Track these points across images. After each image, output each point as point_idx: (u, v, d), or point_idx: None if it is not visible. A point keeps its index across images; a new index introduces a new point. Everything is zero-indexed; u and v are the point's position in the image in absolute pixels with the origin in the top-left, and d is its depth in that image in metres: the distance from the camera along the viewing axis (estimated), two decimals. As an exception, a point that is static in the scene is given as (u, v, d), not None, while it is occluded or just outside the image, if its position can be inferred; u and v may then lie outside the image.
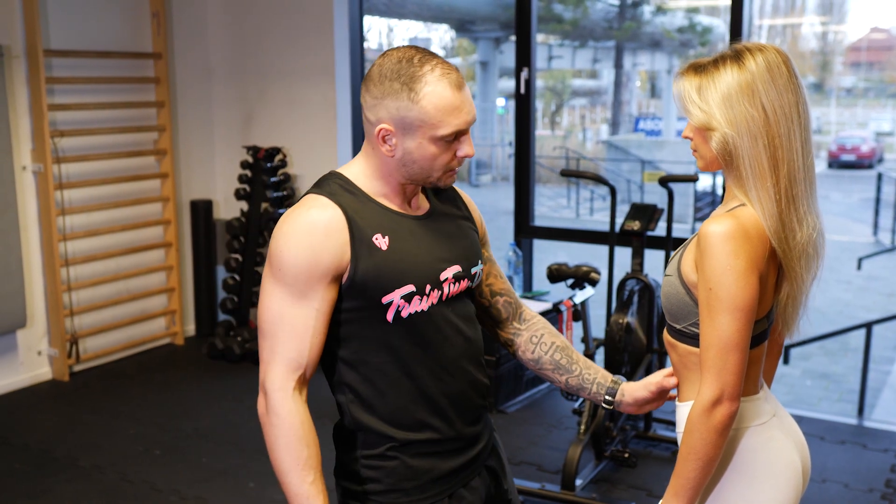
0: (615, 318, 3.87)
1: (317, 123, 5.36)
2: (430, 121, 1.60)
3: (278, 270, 1.61)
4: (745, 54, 1.67)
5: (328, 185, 1.68)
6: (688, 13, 17.95)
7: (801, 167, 1.66)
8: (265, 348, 1.63)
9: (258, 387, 1.65)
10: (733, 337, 1.60)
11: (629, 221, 3.91)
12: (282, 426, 1.59)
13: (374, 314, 1.64)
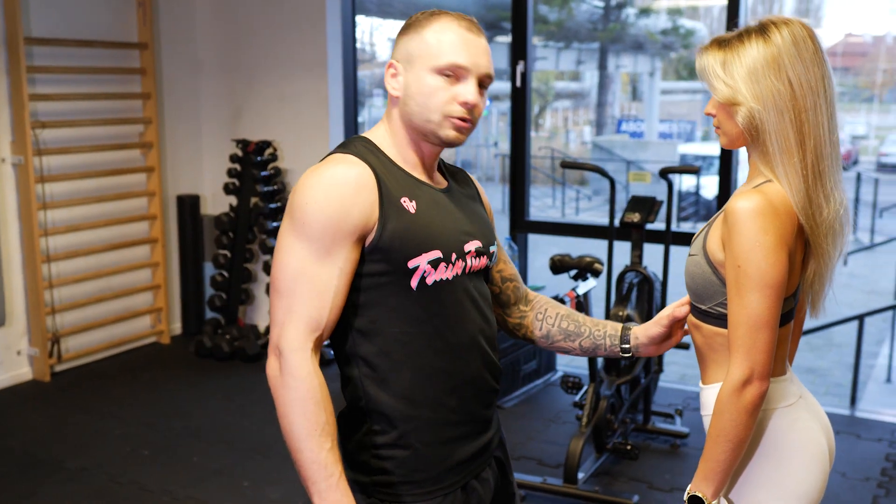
0: (615, 310, 3.82)
1: (308, 118, 5.27)
2: (429, 50, 1.58)
3: (302, 224, 1.52)
4: (771, 28, 1.62)
5: (353, 147, 1.63)
6: (671, 16, 17.99)
7: (828, 142, 1.62)
8: (280, 307, 1.53)
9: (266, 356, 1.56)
10: (763, 315, 1.55)
11: (629, 213, 3.86)
12: (299, 389, 1.50)
13: (397, 280, 1.57)
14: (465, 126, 1.61)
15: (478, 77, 1.60)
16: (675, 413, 4.17)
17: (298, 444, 1.51)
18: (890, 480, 3.63)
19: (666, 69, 21.96)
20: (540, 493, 3.47)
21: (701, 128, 23.17)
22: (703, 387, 1.75)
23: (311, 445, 1.50)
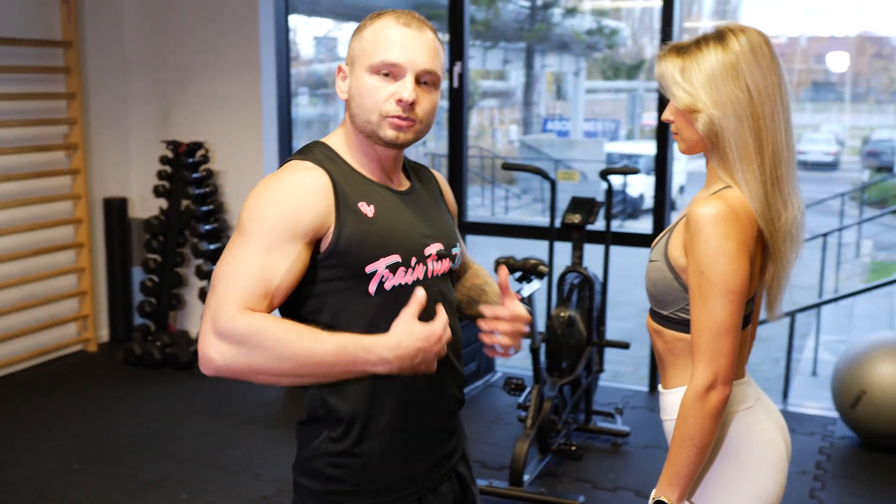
0: (556, 311, 3.83)
1: (241, 118, 5.16)
2: (366, 49, 1.56)
3: (252, 223, 1.48)
4: (728, 35, 1.65)
5: (311, 153, 1.60)
6: (596, 16, 18.22)
7: (785, 148, 1.65)
8: (215, 295, 1.45)
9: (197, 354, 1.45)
10: (726, 320, 1.57)
11: (570, 214, 3.87)
12: (260, 329, 1.41)
13: (355, 285, 1.54)
14: (405, 125, 1.56)
15: (415, 74, 1.55)
16: (616, 412, 4.21)
17: (309, 365, 1.44)
18: (825, 473, 3.72)
19: (591, 69, 22.24)
20: (486, 496, 3.46)
21: (625, 126, 23.56)
22: (663, 391, 1.76)
23: (316, 350, 1.44)
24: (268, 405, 4.50)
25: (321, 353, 1.43)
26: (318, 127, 19.72)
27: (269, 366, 1.43)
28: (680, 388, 1.69)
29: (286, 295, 1.51)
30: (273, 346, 1.42)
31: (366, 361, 1.46)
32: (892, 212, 11.65)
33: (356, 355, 1.45)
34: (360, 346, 1.46)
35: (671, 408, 1.71)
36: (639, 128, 23.61)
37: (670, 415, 1.71)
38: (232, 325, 1.41)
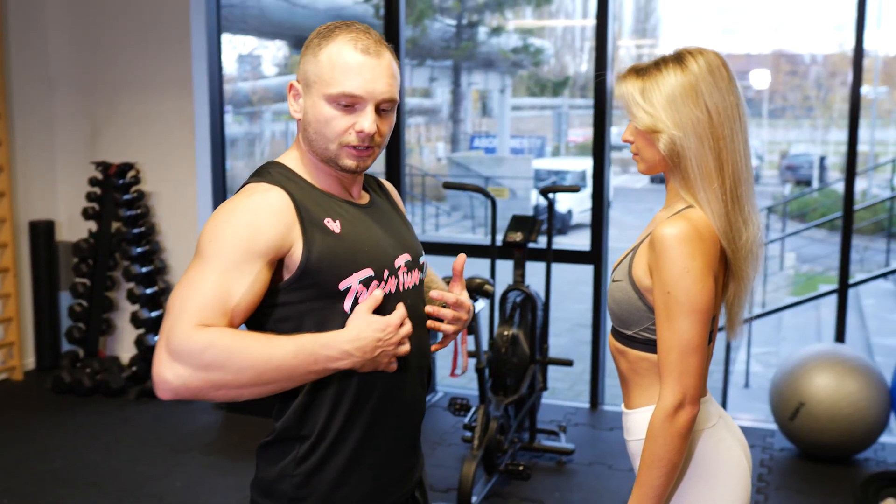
0: (500, 330, 3.83)
1: (173, 138, 5.06)
2: (323, 76, 1.52)
3: (209, 246, 1.44)
4: (687, 56, 1.67)
5: (267, 174, 1.57)
6: (521, 35, 18.44)
7: (744, 168, 1.67)
8: (169, 317, 1.40)
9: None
10: (693, 339, 1.58)
11: (511, 233, 3.88)
12: (215, 341, 1.37)
13: (329, 304, 1.51)
14: (365, 154, 1.55)
15: (375, 103, 1.53)
16: (559, 429, 4.22)
17: (270, 371, 1.40)
18: (768, 486, 3.79)
19: (516, 86, 22.49)
20: (435, 518, 3.43)
21: (551, 143, 23.86)
22: (627, 411, 1.76)
23: (275, 355, 1.40)
24: (204, 431, 4.39)
25: (280, 356, 1.40)
26: (243, 145, 19.47)
27: (229, 379, 1.38)
28: (645, 408, 1.70)
29: (246, 315, 1.47)
30: (230, 357, 1.37)
31: (327, 358, 1.44)
32: (816, 225, 12.02)
33: (316, 353, 1.43)
34: (319, 342, 1.43)
35: (636, 428, 1.71)
36: (565, 144, 23.95)
37: (635, 435, 1.71)
38: (187, 343, 1.37)
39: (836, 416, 3.74)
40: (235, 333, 1.40)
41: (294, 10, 14.16)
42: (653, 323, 1.65)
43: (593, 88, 4.54)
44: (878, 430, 3.83)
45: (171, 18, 4.95)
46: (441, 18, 16.86)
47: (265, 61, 26.18)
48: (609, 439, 4.29)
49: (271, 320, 1.52)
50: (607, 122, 4.51)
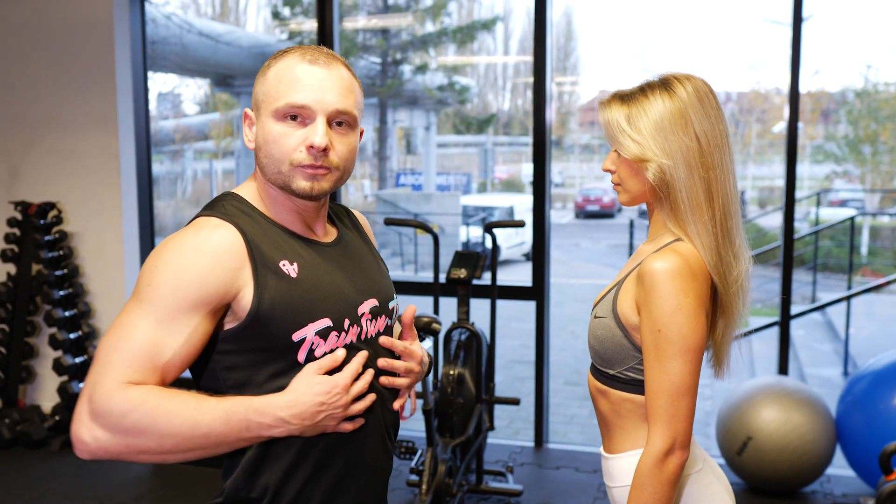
0: (446, 370, 3.73)
1: (98, 176, 4.85)
2: (271, 93, 1.41)
3: (146, 287, 1.33)
4: (674, 82, 1.59)
5: (221, 207, 1.44)
6: (447, 72, 18.54)
7: (733, 199, 1.59)
8: (94, 370, 1.30)
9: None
10: (685, 381, 1.50)
11: (455, 269, 3.79)
12: (139, 404, 1.27)
13: (281, 355, 1.38)
14: (320, 173, 1.41)
15: (327, 115, 1.40)
16: (506, 470, 4.12)
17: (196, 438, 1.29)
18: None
19: (441, 123, 22.58)
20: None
21: (477, 179, 23.98)
22: (609, 456, 1.67)
23: (203, 421, 1.29)
24: (135, 482, 4.17)
25: (208, 423, 1.29)
26: (164, 184, 19.07)
27: (151, 445, 1.28)
28: (629, 453, 1.61)
29: (181, 370, 1.35)
30: (153, 423, 1.27)
31: (260, 425, 1.33)
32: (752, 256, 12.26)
33: (248, 419, 1.32)
34: (252, 408, 1.32)
35: (620, 474, 1.62)
36: (490, 181, 24.10)
37: (619, 482, 1.63)
38: (108, 404, 1.26)
39: (784, 449, 3.73)
40: (162, 395, 1.29)
41: (217, 46, 13.98)
42: (638, 362, 1.56)
43: (532, 125, 4.51)
44: (824, 463, 3.83)
45: (95, 54, 4.77)
46: (366, 56, 16.86)
47: (185, 100, 25.82)
48: (556, 478, 4.20)
49: (220, 368, 1.40)
50: (547, 158, 4.48)
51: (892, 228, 14.93)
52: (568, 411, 6.70)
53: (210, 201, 1.46)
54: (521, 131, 35.30)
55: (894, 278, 5.63)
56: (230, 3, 27.18)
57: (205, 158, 22.08)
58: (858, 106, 16.95)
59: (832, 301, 5.64)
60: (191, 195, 20.68)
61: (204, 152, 22.55)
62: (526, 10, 34.21)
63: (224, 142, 21.97)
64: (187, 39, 13.33)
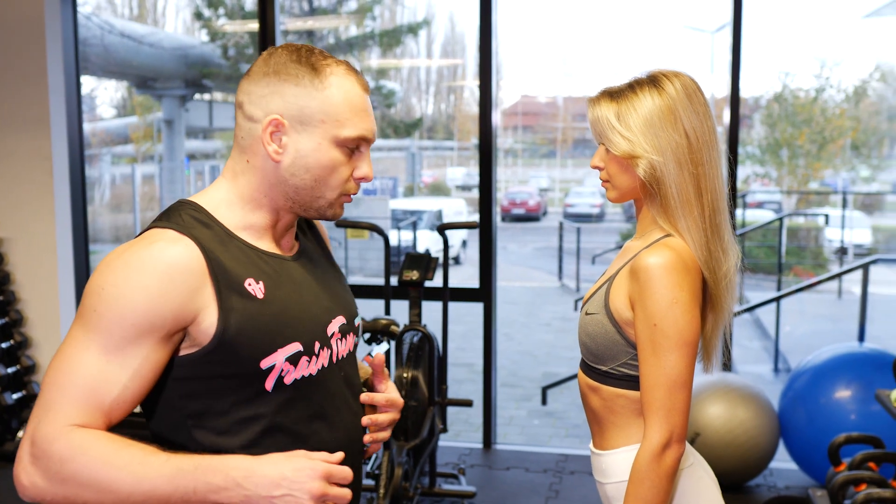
0: (399, 373, 3.71)
1: (29, 179, 4.68)
2: (335, 115, 1.31)
3: (92, 312, 1.21)
4: (662, 79, 1.60)
5: (177, 216, 1.30)
6: (372, 76, 18.49)
7: (721, 195, 1.62)
8: (39, 407, 1.20)
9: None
10: (682, 374, 1.51)
11: (407, 271, 3.78)
12: (79, 453, 1.17)
13: (247, 382, 1.28)
14: (350, 201, 1.40)
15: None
16: (458, 472, 4.12)
17: (137, 496, 1.17)
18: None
19: (367, 128, 22.52)
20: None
21: (403, 183, 23.98)
22: (601, 452, 1.67)
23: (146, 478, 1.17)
24: None
25: (152, 479, 1.17)
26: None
27: (89, 498, 1.17)
28: (623, 449, 1.62)
29: (131, 407, 1.24)
30: (93, 475, 1.16)
31: (208, 486, 1.18)
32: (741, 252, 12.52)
33: (196, 478, 1.18)
34: (203, 465, 1.19)
35: (613, 470, 1.63)
36: (418, 185, 24.12)
37: (613, 478, 1.63)
38: (49, 448, 1.17)
39: (730, 443, 3.82)
40: (108, 444, 1.18)
41: (140, 48, 13.67)
42: (631, 358, 1.58)
43: (478, 128, 4.53)
44: (769, 457, 3.93)
45: (26, 53, 4.61)
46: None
47: (102, 103, 25.20)
48: (507, 479, 4.22)
49: (177, 396, 1.28)
50: (493, 161, 4.50)
51: (808, 229, 15.45)
52: (506, 413, 6.75)
53: (164, 210, 1.34)
54: (446, 135, 35.45)
55: (826, 277, 5.82)
56: (148, 4, 26.63)
57: (123, 163, 21.56)
58: (777, 110, 17.52)
59: (765, 301, 5.79)
60: (109, 200, 20.19)
61: (123, 156, 22.02)
62: (449, 15, 34.36)
63: (144, 146, 21.49)
64: (109, 41, 13.01)
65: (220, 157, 23.18)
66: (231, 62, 16.44)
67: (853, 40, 31.35)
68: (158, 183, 18.37)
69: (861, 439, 3.16)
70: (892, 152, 27.61)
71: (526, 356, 8.89)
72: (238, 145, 1.36)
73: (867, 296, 4.78)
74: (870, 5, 11.66)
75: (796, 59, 34.88)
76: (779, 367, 7.46)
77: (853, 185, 20.55)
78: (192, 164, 19.79)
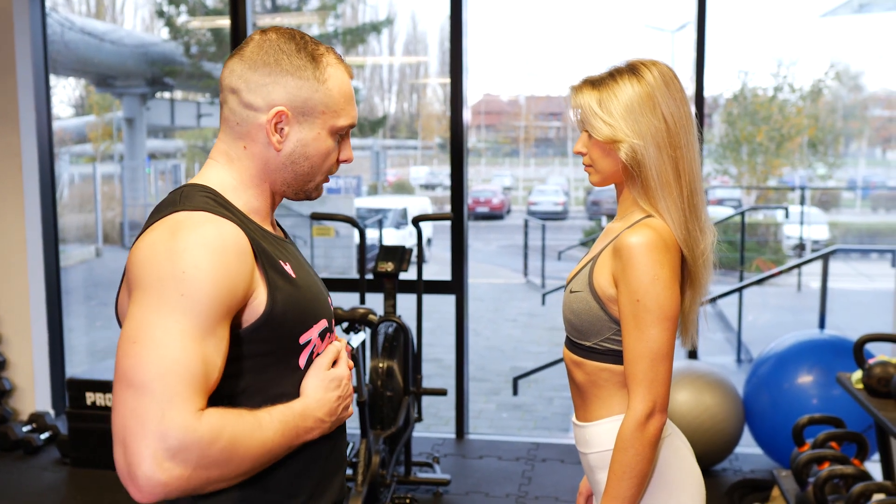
0: (375, 363, 3.77)
1: None
2: (333, 106, 1.36)
3: (179, 297, 1.17)
4: (641, 68, 1.68)
5: (200, 200, 1.29)
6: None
7: (698, 178, 1.70)
8: (150, 401, 1.12)
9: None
10: (663, 347, 1.59)
11: (382, 263, 3.84)
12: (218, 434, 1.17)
13: (282, 359, 1.33)
14: None
15: None
16: (433, 461, 4.19)
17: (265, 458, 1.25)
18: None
19: (330, 126, 22.49)
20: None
21: (367, 182, 23.98)
22: (584, 424, 1.75)
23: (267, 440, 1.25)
24: (50, 490, 4.04)
25: (271, 438, 1.25)
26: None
27: (226, 473, 1.20)
28: (606, 420, 1.70)
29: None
30: (234, 450, 1.19)
31: (305, 430, 1.32)
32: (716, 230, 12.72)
33: (297, 426, 1.30)
34: (297, 414, 1.31)
35: (596, 440, 1.71)
36: (382, 183, 24.14)
37: (595, 447, 1.71)
38: (191, 437, 1.13)
39: (697, 429, 3.92)
40: (233, 419, 1.20)
41: (101, 45, 13.53)
42: (614, 333, 1.65)
43: (449, 127, 4.60)
44: (734, 441, 4.04)
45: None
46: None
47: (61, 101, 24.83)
48: (481, 467, 4.29)
49: (224, 377, 1.29)
50: (465, 159, 4.58)
51: (767, 225, 15.75)
52: (476, 406, 6.82)
53: (179, 195, 1.32)
54: (409, 134, 35.46)
55: (788, 266, 5.97)
56: (106, 2, 26.33)
57: (82, 162, 21.29)
58: (736, 109, 17.81)
59: (729, 291, 5.93)
60: (69, 200, 19.94)
61: (82, 156, 21.74)
62: (411, 14, 34.37)
63: (103, 145, 21.24)
64: (69, 37, 12.86)
65: (182, 156, 22.99)
66: (193, 60, 16.34)
67: (810, 39, 31.93)
68: (118, 182, 18.18)
69: (823, 420, 3.28)
70: (848, 150, 28.20)
71: (494, 351, 8.98)
72: (231, 130, 1.37)
73: (827, 285, 4.93)
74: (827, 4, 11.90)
75: (755, 57, 35.44)
76: (741, 358, 7.62)
77: (810, 182, 20.94)
78: (153, 163, 19.64)
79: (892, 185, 27.86)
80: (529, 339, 9.90)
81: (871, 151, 30.90)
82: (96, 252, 15.24)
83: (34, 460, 4.37)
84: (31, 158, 4.74)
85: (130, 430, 1.12)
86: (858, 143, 29.27)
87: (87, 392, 4.18)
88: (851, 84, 24.71)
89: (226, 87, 1.37)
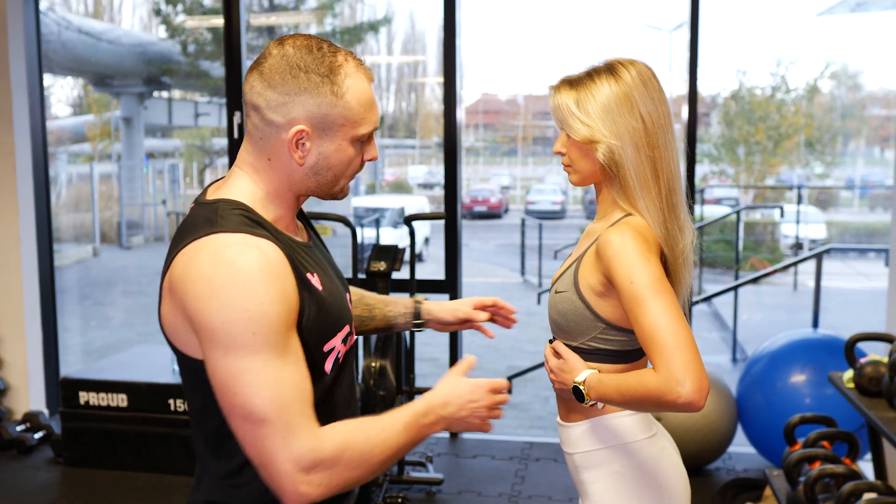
0: (368, 362, 3.77)
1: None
2: (353, 118, 1.38)
3: (251, 336, 1.24)
4: (619, 67, 1.68)
5: (236, 219, 1.33)
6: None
7: (677, 176, 1.69)
8: (270, 433, 1.25)
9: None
10: (673, 313, 1.50)
11: (375, 262, 3.84)
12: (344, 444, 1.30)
13: (311, 366, 1.36)
14: None
15: None
16: (426, 460, 4.19)
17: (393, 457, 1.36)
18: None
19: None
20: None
21: (365, 181, 23.97)
22: (568, 424, 1.75)
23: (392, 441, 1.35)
24: (44, 489, 4.03)
25: (397, 441, 1.36)
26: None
27: (362, 474, 1.32)
28: (589, 421, 1.70)
29: None
30: (362, 455, 1.31)
31: (427, 427, 1.41)
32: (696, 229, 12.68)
33: (420, 424, 1.40)
34: (419, 412, 1.40)
35: (580, 440, 1.71)
36: (380, 182, 24.14)
37: (578, 447, 1.71)
38: (321, 454, 1.27)
39: (690, 428, 3.93)
40: (355, 427, 1.33)
41: (99, 45, 13.53)
42: (601, 332, 1.65)
43: (443, 125, 4.61)
44: (727, 441, 4.05)
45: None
46: (252, 56, 16.65)
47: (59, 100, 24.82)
48: (474, 467, 4.30)
49: None
50: (458, 158, 4.58)
51: (765, 224, 15.75)
52: (472, 405, 6.81)
53: (215, 214, 1.34)
54: (407, 134, 35.47)
55: (783, 265, 5.97)
56: (103, 1, 26.30)
57: (80, 162, 21.28)
58: (734, 108, 17.82)
59: (724, 290, 5.94)
60: (66, 200, 19.92)
61: (79, 155, 21.73)
62: (409, 13, 34.38)
63: (101, 144, 21.24)
64: (66, 37, 12.87)
65: (179, 155, 22.98)
66: (191, 59, 16.33)
67: (807, 38, 31.91)
68: (116, 182, 18.17)
69: (815, 419, 3.28)
70: (846, 149, 28.22)
71: (490, 350, 8.98)
72: (255, 143, 1.39)
73: (821, 284, 4.93)
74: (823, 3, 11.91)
75: (753, 57, 35.46)
76: (737, 357, 7.62)
77: (808, 182, 20.96)
78: (150, 162, 19.62)
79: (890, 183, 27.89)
80: (526, 337, 9.90)
81: (868, 150, 30.91)
82: (93, 251, 15.23)
83: (28, 460, 4.37)
84: (25, 158, 4.74)
85: (263, 461, 1.27)
86: (856, 142, 29.30)
87: (81, 392, 4.18)
88: (850, 83, 24.74)
89: (247, 102, 1.39)
